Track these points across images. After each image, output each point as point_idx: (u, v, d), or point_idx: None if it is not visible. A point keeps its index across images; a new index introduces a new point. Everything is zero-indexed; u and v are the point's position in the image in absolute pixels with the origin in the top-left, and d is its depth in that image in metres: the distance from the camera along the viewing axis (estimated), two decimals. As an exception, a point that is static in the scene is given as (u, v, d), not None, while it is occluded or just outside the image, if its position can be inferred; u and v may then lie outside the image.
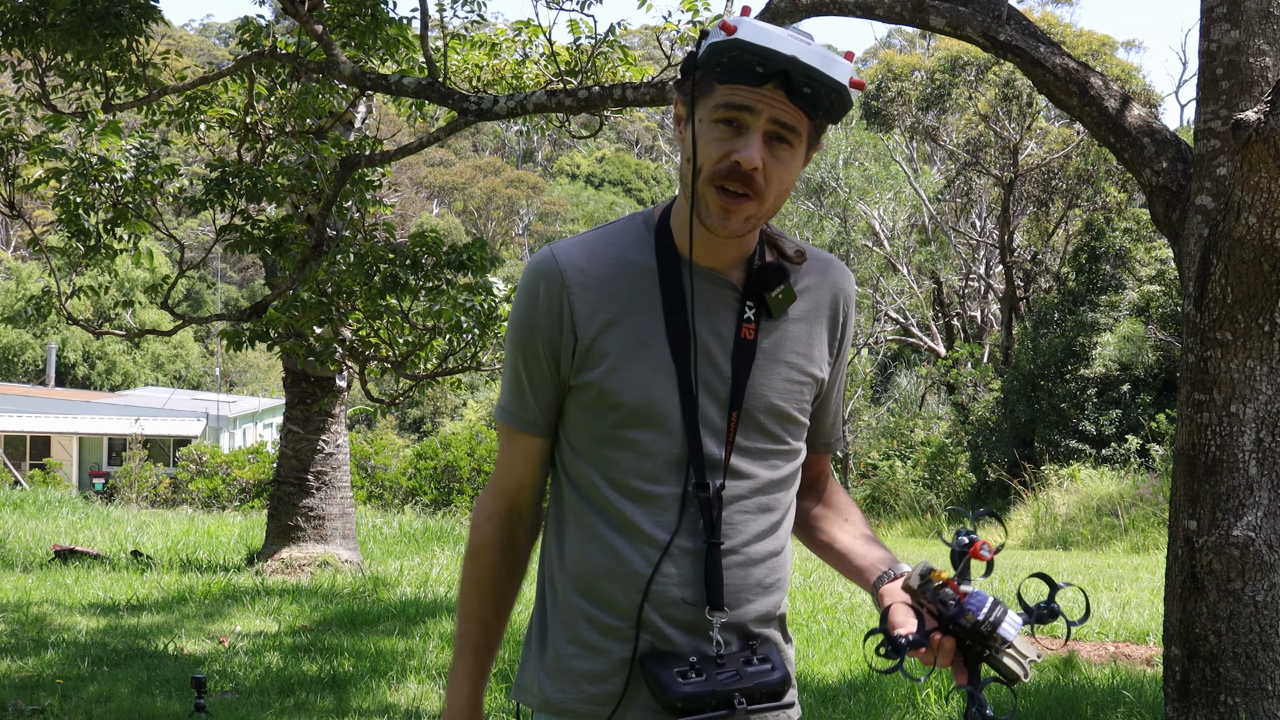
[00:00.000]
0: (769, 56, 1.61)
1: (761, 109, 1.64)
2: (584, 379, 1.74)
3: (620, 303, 1.73)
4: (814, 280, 1.83)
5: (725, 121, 1.66)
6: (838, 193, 30.32)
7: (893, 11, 5.33)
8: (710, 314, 1.74)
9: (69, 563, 11.12)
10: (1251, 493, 4.34)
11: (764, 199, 1.68)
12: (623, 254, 1.76)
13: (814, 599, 9.49)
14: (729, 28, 1.63)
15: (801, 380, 1.80)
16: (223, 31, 68.70)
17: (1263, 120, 3.79)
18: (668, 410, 1.71)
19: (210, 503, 21.71)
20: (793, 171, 1.69)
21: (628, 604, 1.71)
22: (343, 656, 7.01)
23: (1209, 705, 4.36)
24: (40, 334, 40.92)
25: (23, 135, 8.71)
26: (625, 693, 1.72)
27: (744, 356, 1.74)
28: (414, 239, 8.09)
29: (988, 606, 1.65)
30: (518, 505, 1.85)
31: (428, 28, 7.77)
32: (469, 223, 53.99)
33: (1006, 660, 1.67)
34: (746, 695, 1.68)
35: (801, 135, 1.68)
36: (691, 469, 1.71)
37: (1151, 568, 12.71)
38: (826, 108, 1.66)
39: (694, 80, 1.69)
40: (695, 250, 1.73)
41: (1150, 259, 22.13)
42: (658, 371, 1.72)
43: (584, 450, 1.76)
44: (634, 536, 1.72)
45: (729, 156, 1.65)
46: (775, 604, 1.79)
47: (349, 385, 11.25)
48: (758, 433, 1.76)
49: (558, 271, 1.74)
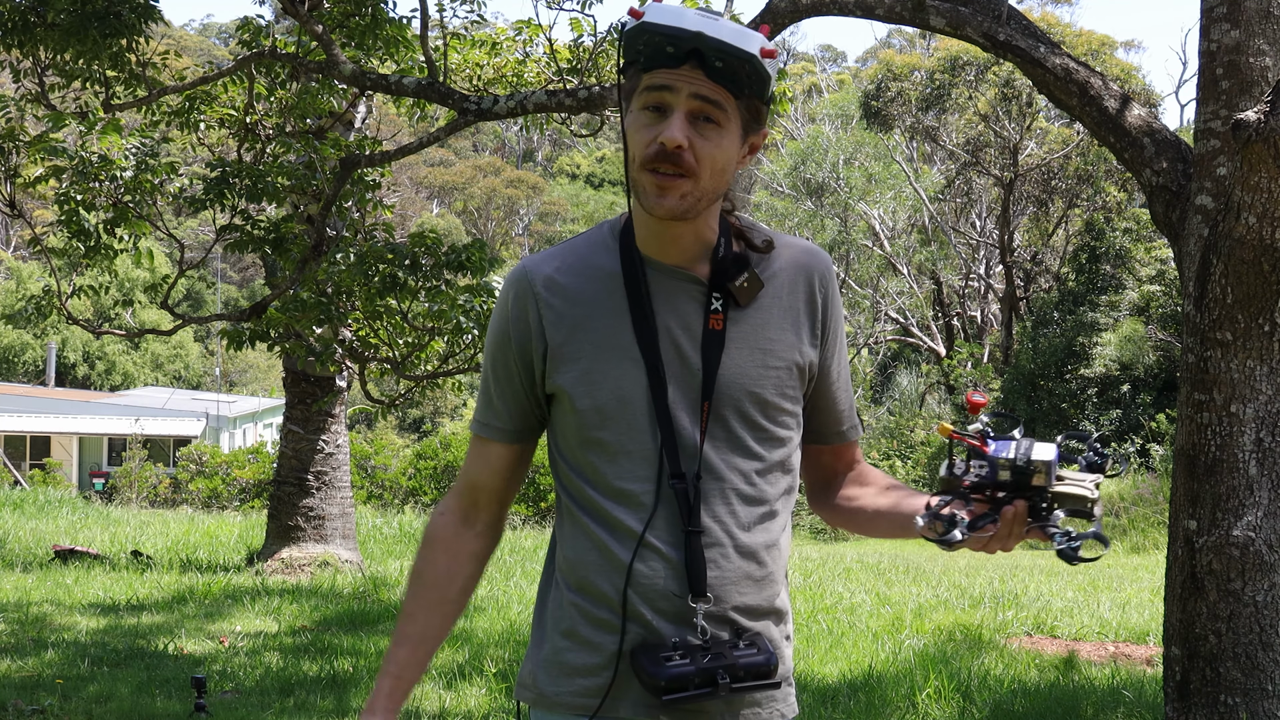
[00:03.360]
0: (677, 35, 1.66)
1: (680, 87, 1.69)
2: (557, 383, 1.78)
3: (587, 307, 1.78)
4: (785, 265, 1.84)
5: (651, 108, 1.71)
6: (838, 193, 30.34)
7: (893, 11, 5.33)
8: (676, 308, 1.77)
9: (69, 563, 11.12)
10: (1251, 493, 4.34)
11: (697, 177, 1.71)
12: (589, 260, 1.81)
13: (814, 599, 9.49)
14: (636, 13, 1.68)
15: (780, 365, 1.81)
16: (223, 31, 68.66)
17: (1263, 120, 3.79)
18: (639, 405, 1.75)
19: (210, 503, 21.71)
20: (725, 150, 1.72)
21: (613, 594, 1.74)
22: (343, 656, 7.01)
23: (1209, 705, 4.36)
24: (40, 334, 40.91)
25: (23, 134, 8.71)
26: (613, 684, 1.74)
27: (713, 347, 1.77)
28: (413, 239, 8.09)
29: (1013, 445, 1.63)
30: (472, 505, 1.89)
31: (428, 27, 7.77)
32: (469, 223, 53.98)
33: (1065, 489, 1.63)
34: (730, 673, 1.69)
35: (728, 112, 1.71)
36: (665, 460, 1.74)
37: (1151, 568, 12.71)
38: (746, 81, 1.69)
39: (619, 78, 1.75)
40: (655, 247, 1.78)
41: (1150, 259, 22.14)
42: (628, 369, 1.75)
43: (569, 454, 1.80)
44: (619, 531, 1.75)
45: (655, 139, 1.69)
46: (768, 597, 1.80)
47: (349, 385, 11.25)
48: (737, 421, 1.77)
49: (527, 281, 1.80)
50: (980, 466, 1.64)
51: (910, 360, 32.44)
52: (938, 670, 6.34)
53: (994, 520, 1.63)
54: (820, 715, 5.68)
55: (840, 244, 30.29)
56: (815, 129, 32.53)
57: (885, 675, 6.47)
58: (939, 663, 6.64)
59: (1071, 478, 1.64)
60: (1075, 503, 1.63)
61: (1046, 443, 1.63)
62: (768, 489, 1.79)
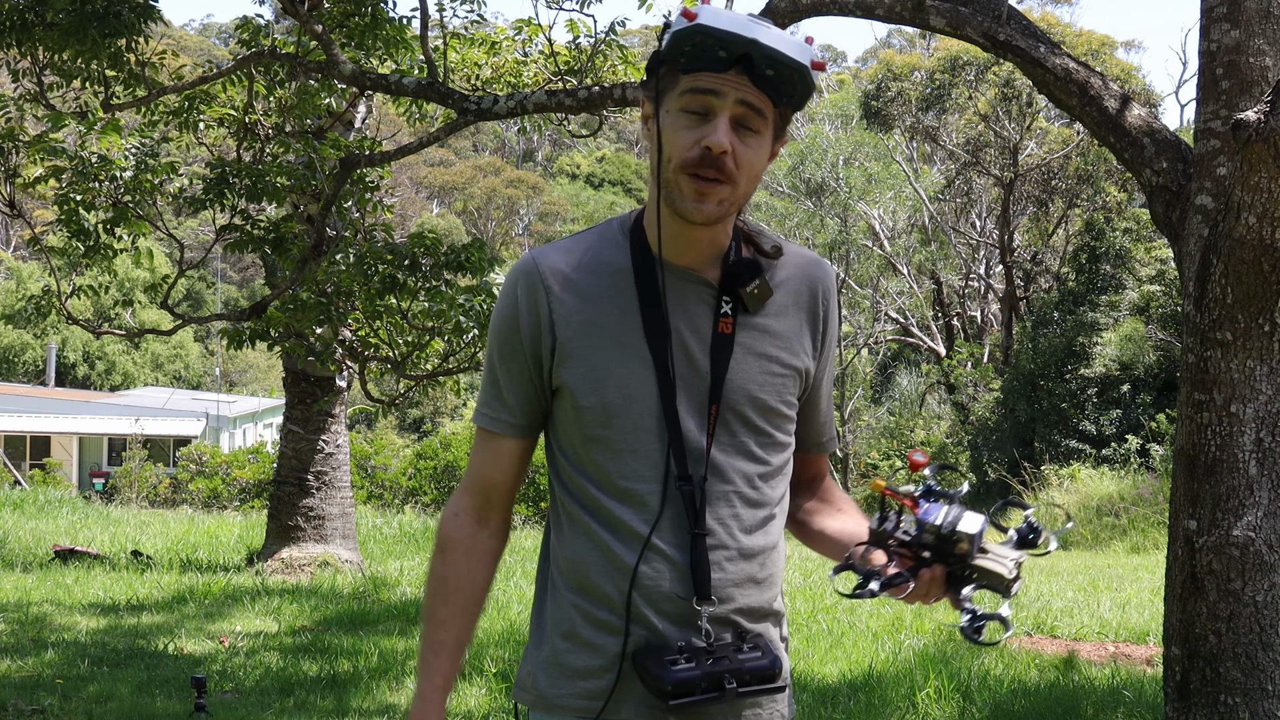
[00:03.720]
0: (731, 40, 1.64)
1: (727, 92, 1.67)
2: (564, 379, 1.76)
3: (597, 303, 1.76)
4: (792, 274, 1.84)
5: (692, 110, 1.69)
6: (838, 193, 30.33)
7: (893, 11, 5.33)
8: (687, 310, 1.76)
9: (69, 563, 11.12)
10: (1251, 493, 4.34)
11: (736, 184, 1.70)
12: (599, 256, 1.79)
13: (814, 599, 9.48)
14: (690, 14, 1.66)
15: (783, 373, 1.81)
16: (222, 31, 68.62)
17: (1263, 120, 3.79)
18: (647, 406, 1.74)
19: (210, 503, 21.71)
20: (761, 158, 1.72)
21: (617, 596, 1.73)
22: (343, 656, 7.00)
23: (1209, 705, 4.36)
24: (40, 334, 40.90)
25: (23, 134, 8.70)
26: (616, 687, 1.73)
27: (722, 351, 1.76)
28: (413, 239, 8.09)
29: (942, 511, 1.64)
30: (485, 504, 1.86)
31: (427, 27, 7.76)
32: (469, 223, 53.97)
33: (985, 564, 1.64)
34: (736, 677, 1.69)
35: (767, 120, 1.71)
36: (673, 462, 1.73)
37: (1151, 568, 12.70)
38: (790, 91, 1.69)
39: (658, 75, 1.72)
40: (669, 249, 1.76)
41: (1150, 259, 22.13)
42: (636, 368, 1.74)
43: (572, 452, 1.79)
44: (622, 531, 1.74)
45: (699, 143, 1.68)
46: (769, 600, 1.81)
47: (349, 385, 11.25)
48: (742, 426, 1.77)
49: (537, 273, 1.78)
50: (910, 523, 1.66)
51: (910, 360, 32.45)
52: (938, 670, 6.34)
53: (910, 580, 1.64)
54: (820, 715, 5.68)
55: (840, 244, 30.28)
56: (815, 129, 32.53)
57: (885, 675, 6.46)
58: (939, 663, 6.64)
59: (996, 552, 1.65)
60: (992, 579, 1.64)
61: (976, 514, 1.63)
62: (769, 493, 1.80)
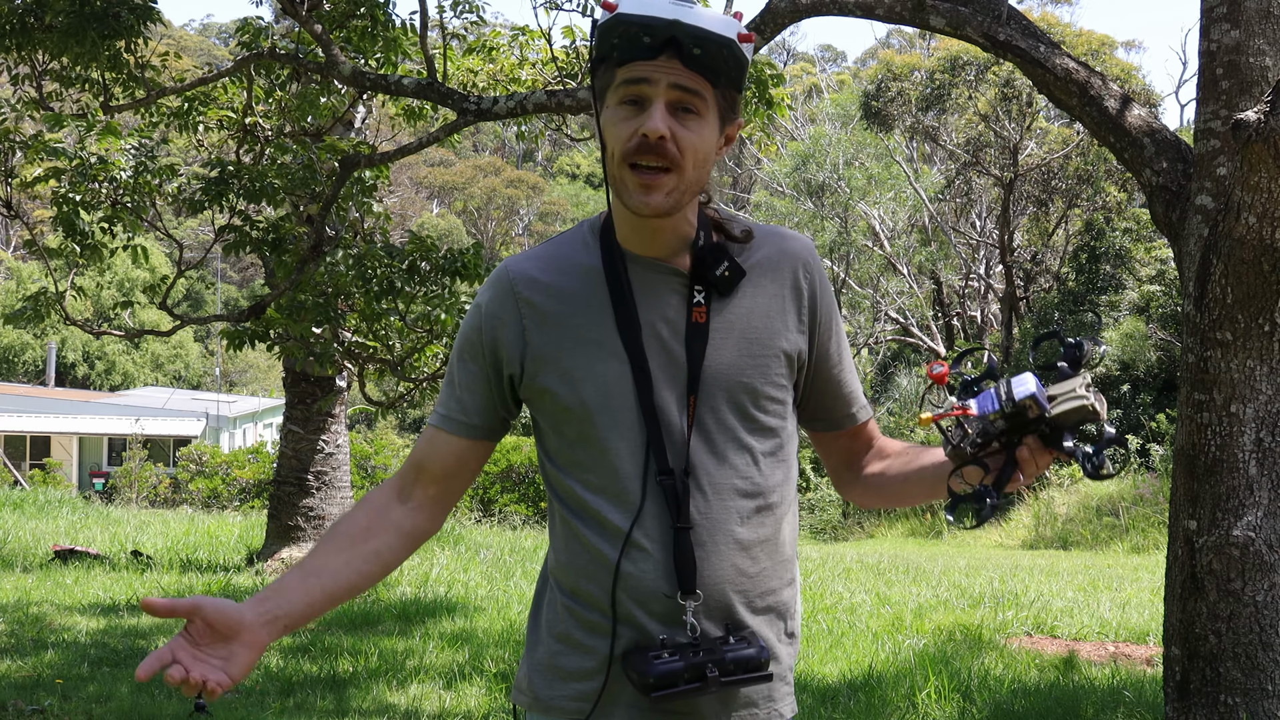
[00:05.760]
0: (652, 25, 1.64)
1: (659, 78, 1.67)
2: (541, 383, 1.76)
3: (569, 304, 1.76)
4: (767, 254, 1.82)
5: (629, 101, 1.69)
6: (838, 193, 30.34)
7: (893, 11, 5.33)
8: (658, 302, 1.75)
9: (69, 563, 11.12)
10: (1251, 493, 4.34)
11: (682, 170, 1.69)
12: (570, 258, 1.80)
13: (814, 599, 9.48)
14: (610, 5, 1.67)
15: (766, 354, 1.78)
16: (222, 32, 68.62)
17: (1263, 120, 3.79)
18: (623, 401, 1.73)
19: (210, 503, 21.72)
20: (706, 140, 1.70)
21: (604, 596, 1.72)
22: (343, 656, 7.01)
23: (1209, 705, 4.36)
24: (40, 334, 40.90)
25: (21, 135, 8.70)
26: (605, 688, 1.73)
27: (697, 339, 1.75)
28: (411, 242, 8.09)
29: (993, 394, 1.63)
30: (411, 483, 1.85)
31: (427, 28, 7.76)
32: (469, 223, 53.97)
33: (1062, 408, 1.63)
34: (719, 667, 1.67)
35: (707, 101, 1.70)
36: (653, 456, 1.72)
37: (1151, 568, 12.71)
38: (722, 68, 1.68)
39: (597, 75, 1.73)
40: (635, 242, 1.76)
41: (1150, 259, 22.14)
42: (611, 365, 1.73)
43: (558, 455, 1.79)
44: (606, 529, 1.73)
45: (637, 132, 1.67)
46: (764, 592, 1.76)
47: (349, 386, 11.26)
48: (727, 412, 1.75)
49: (508, 280, 1.79)
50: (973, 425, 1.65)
51: (910, 360, 32.43)
52: (938, 670, 6.34)
53: (1015, 467, 1.64)
54: (820, 715, 5.68)
55: (840, 244, 30.29)
56: (816, 129, 32.54)
57: (885, 675, 6.46)
58: (939, 663, 6.64)
59: (1062, 392, 1.63)
60: (1078, 415, 1.63)
61: (1021, 375, 1.63)
62: (761, 480, 1.77)
